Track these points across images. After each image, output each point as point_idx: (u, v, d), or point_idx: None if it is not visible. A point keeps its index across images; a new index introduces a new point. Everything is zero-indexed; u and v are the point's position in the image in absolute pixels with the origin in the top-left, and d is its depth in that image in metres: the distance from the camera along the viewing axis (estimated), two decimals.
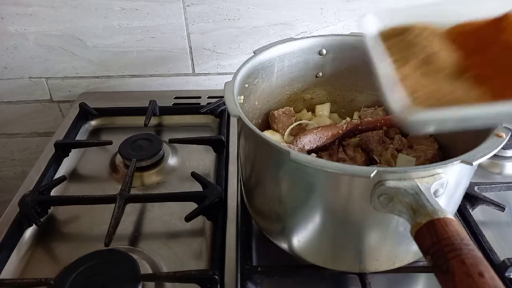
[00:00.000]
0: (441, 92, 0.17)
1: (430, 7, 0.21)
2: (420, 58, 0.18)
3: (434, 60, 0.18)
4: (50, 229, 0.34)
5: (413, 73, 0.18)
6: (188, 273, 0.28)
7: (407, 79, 0.17)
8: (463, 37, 0.20)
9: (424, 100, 0.16)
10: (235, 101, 0.27)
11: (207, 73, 0.53)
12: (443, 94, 0.17)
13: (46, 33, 0.48)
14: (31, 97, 0.54)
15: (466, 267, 0.16)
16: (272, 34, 0.49)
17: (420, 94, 0.17)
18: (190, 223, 0.33)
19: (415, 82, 0.17)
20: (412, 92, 0.17)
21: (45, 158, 0.41)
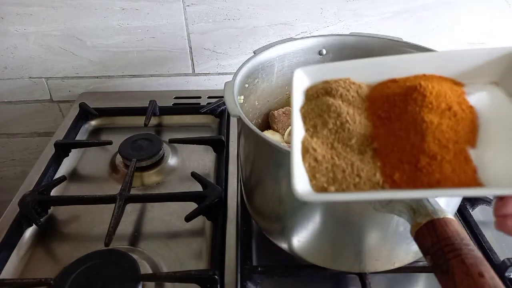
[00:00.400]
0: (341, 168, 0.17)
1: (360, 64, 0.21)
2: (334, 126, 0.19)
3: (346, 129, 0.19)
4: (50, 229, 0.34)
5: (323, 144, 0.19)
6: (188, 273, 0.28)
7: (315, 152, 0.18)
8: (379, 101, 0.20)
9: (323, 175, 0.17)
10: (235, 101, 0.27)
11: (207, 73, 0.53)
12: (342, 170, 0.17)
13: (46, 33, 0.48)
14: (31, 97, 0.54)
15: (466, 267, 0.16)
16: (272, 34, 0.49)
17: (322, 169, 0.17)
18: (190, 223, 0.33)
19: (321, 155, 0.18)
20: (314, 168, 0.18)
21: (45, 158, 0.41)
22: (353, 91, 0.20)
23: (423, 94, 0.18)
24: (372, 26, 0.49)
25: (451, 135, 0.17)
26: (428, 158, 0.17)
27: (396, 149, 0.18)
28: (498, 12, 0.48)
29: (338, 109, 0.19)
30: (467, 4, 0.47)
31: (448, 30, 0.49)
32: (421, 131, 0.17)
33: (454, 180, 0.16)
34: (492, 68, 0.20)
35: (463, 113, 0.18)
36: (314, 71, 0.21)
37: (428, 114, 0.18)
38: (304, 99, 0.21)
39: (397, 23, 0.49)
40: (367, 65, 0.21)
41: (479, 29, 0.49)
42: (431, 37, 0.50)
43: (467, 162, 0.17)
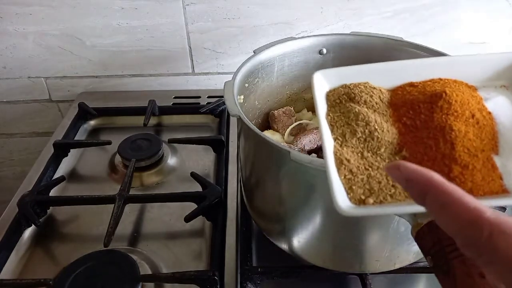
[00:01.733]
0: (376, 179, 0.18)
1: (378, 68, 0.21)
2: (362, 135, 0.19)
3: (375, 138, 0.19)
4: (49, 230, 0.34)
5: (354, 154, 0.19)
6: (187, 274, 0.28)
7: (349, 163, 0.18)
8: (404, 108, 0.20)
9: (360, 187, 0.18)
10: (235, 100, 0.26)
11: (206, 72, 0.53)
12: (378, 181, 0.18)
13: (45, 33, 0.48)
14: (30, 96, 0.54)
15: (467, 267, 0.16)
16: (272, 34, 0.49)
17: (358, 181, 0.18)
18: (189, 223, 0.33)
19: (356, 166, 0.18)
20: (350, 180, 0.18)
21: (44, 158, 0.41)
22: (376, 97, 0.21)
23: (449, 102, 0.18)
24: (372, 25, 0.48)
25: (478, 143, 0.18)
26: (460, 167, 0.17)
27: (427, 158, 0.18)
28: (499, 12, 0.48)
29: (366, 117, 0.19)
30: (468, 4, 0.47)
31: (449, 30, 0.49)
32: (450, 140, 0.18)
33: (485, 189, 0.17)
34: (502, 72, 0.20)
35: (484, 120, 0.19)
36: (332, 75, 0.21)
37: (455, 122, 0.18)
38: (326, 104, 0.21)
39: (397, 23, 0.48)
40: (384, 69, 0.21)
41: (479, 29, 0.49)
42: (432, 36, 0.49)
43: (494, 169, 0.17)
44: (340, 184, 0.17)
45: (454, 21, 0.49)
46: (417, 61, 0.21)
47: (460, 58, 0.21)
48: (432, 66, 0.21)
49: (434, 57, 0.22)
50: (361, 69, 0.21)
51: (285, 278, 0.29)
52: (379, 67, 0.21)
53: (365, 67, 0.21)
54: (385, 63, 0.21)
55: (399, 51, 0.34)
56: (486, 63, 0.21)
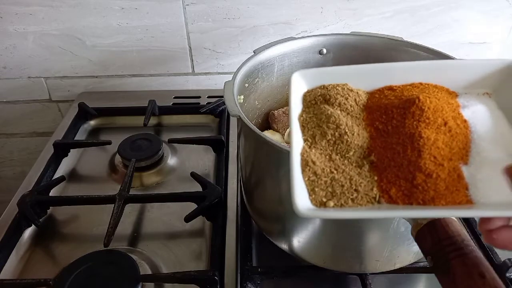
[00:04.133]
0: (339, 182, 0.18)
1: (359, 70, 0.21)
2: (332, 138, 0.19)
3: (344, 141, 0.19)
4: (49, 230, 0.34)
5: (321, 156, 0.19)
6: (187, 274, 0.28)
7: (315, 165, 0.18)
8: (377, 112, 0.20)
9: (322, 190, 0.17)
10: (235, 100, 0.26)
11: (207, 72, 0.53)
12: (341, 185, 0.18)
13: (45, 33, 0.48)
14: (30, 96, 0.54)
15: (467, 267, 0.17)
16: (272, 34, 0.49)
17: (321, 183, 0.17)
18: (189, 223, 0.33)
19: (321, 168, 0.18)
20: (313, 181, 0.18)
21: (44, 158, 0.41)
22: (352, 100, 0.20)
23: (421, 108, 0.18)
24: (372, 25, 0.48)
25: (446, 152, 0.18)
26: (424, 176, 0.17)
27: (393, 163, 0.18)
28: (499, 12, 0.48)
29: (337, 120, 0.19)
30: (468, 4, 0.47)
31: (449, 30, 0.49)
32: (418, 147, 0.17)
33: (447, 198, 0.17)
34: (486, 79, 0.20)
35: (458, 128, 0.18)
36: (311, 75, 0.21)
37: (425, 130, 0.18)
38: (302, 105, 0.21)
39: (397, 22, 0.48)
40: (365, 71, 0.21)
41: (479, 29, 0.49)
42: (432, 36, 0.49)
43: (460, 180, 0.17)
44: (303, 186, 0.17)
45: (454, 21, 0.49)
46: (399, 64, 0.21)
47: (443, 63, 0.21)
48: (414, 70, 0.20)
49: (417, 61, 0.21)
50: (341, 70, 0.21)
51: (285, 278, 0.29)
52: (359, 69, 0.21)
53: (345, 69, 0.21)
54: (366, 65, 0.21)
55: (399, 51, 0.34)
56: (470, 69, 0.20)
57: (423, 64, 0.21)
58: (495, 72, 0.20)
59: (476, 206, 0.17)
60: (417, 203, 0.17)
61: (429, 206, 0.16)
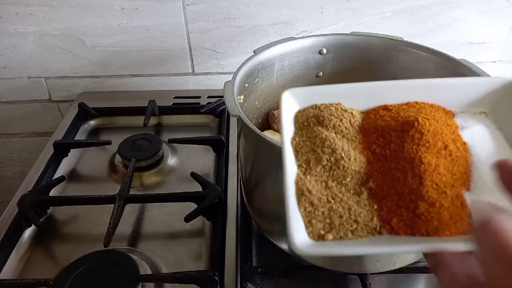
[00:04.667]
0: (338, 213, 0.17)
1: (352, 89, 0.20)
2: (328, 163, 0.18)
3: (341, 166, 0.18)
4: (49, 230, 0.34)
5: (317, 183, 0.18)
6: (187, 274, 0.28)
7: (311, 194, 0.17)
8: (374, 134, 0.19)
9: (320, 221, 0.16)
10: (235, 100, 0.26)
11: (207, 72, 0.53)
12: (339, 216, 0.17)
13: (46, 33, 0.48)
14: (30, 96, 0.54)
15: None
16: (272, 33, 0.49)
17: (318, 214, 0.17)
18: (189, 223, 0.33)
19: (317, 198, 0.17)
20: (310, 213, 0.17)
21: (44, 158, 0.41)
22: (346, 121, 0.19)
23: (421, 131, 0.17)
24: (372, 25, 0.48)
25: (448, 178, 0.17)
26: (427, 205, 0.16)
27: (393, 191, 0.17)
28: (499, 12, 0.48)
29: (332, 144, 0.18)
30: (468, 4, 0.47)
31: (449, 30, 0.49)
32: (419, 174, 0.17)
33: (452, 228, 0.16)
34: (483, 98, 0.20)
35: (458, 152, 0.18)
36: (303, 94, 0.20)
37: (426, 154, 0.17)
38: (294, 127, 0.20)
39: (398, 23, 0.48)
40: (358, 90, 0.20)
41: (479, 29, 0.49)
42: (432, 36, 0.49)
43: (463, 207, 0.17)
44: (299, 218, 0.16)
45: (454, 21, 0.49)
46: (393, 82, 0.20)
47: (439, 82, 0.20)
48: (409, 89, 0.20)
49: (412, 80, 0.20)
50: (334, 89, 0.20)
51: (285, 278, 0.29)
52: (352, 87, 0.20)
53: (338, 87, 0.20)
54: (360, 83, 0.20)
55: (399, 51, 0.34)
56: (466, 88, 0.19)
57: (418, 82, 0.20)
58: (492, 91, 0.19)
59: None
60: (420, 234, 0.16)
61: (433, 237, 0.16)
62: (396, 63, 0.34)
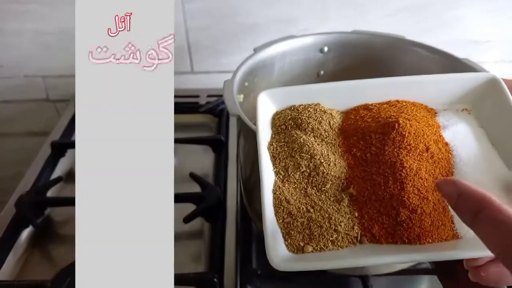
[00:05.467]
0: (317, 223, 0.16)
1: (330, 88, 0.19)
2: (307, 169, 0.17)
3: (320, 172, 0.17)
4: (47, 231, 0.34)
5: (295, 191, 0.17)
6: (186, 276, 0.27)
7: (289, 204, 0.16)
8: (354, 137, 0.18)
9: (299, 232, 0.16)
10: (235, 100, 0.26)
11: (206, 71, 0.52)
12: (319, 226, 0.16)
13: (43, 31, 0.47)
14: (26, 96, 0.53)
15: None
16: (272, 31, 0.48)
17: (297, 225, 0.16)
18: (188, 224, 0.32)
19: (296, 207, 0.16)
20: (289, 224, 0.16)
21: (41, 158, 0.40)
22: (326, 123, 0.19)
23: (402, 134, 0.17)
24: (374, 23, 0.48)
25: (430, 183, 0.16)
26: (408, 211, 0.16)
27: (374, 197, 0.17)
28: (503, 10, 0.47)
29: (311, 149, 0.18)
30: (471, 2, 0.47)
31: (451, 28, 0.49)
32: (400, 179, 0.16)
33: (433, 235, 0.16)
34: (466, 95, 0.19)
35: (440, 153, 0.17)
36: (280, 95, 0.19)
37: (407, 158, 0.17)
38: (271, 131, 0.19)
39: (400, 21, 0.48)
40: (337, 89, 0.20)
41: (483, 27, 0.49)
42: (434, 34, 0.49)
43: (445, 212, 0.16)
44: (277, 230, 0.16)
45: (457, 20, 0.48)
46: (373, 80, 0.19)
47: (420, 79, 0.19)
48: (390, 86, 0.19)
49: (394, 77, 0.20)
50: (312, 88, 0.19)
51: (285, 280, 0.29)
52: (331, 87, 0.19)
53: (316, 87, 0.20)
54: (339, 82, 0.19)
55: (401, 49, 0.33)
56: (448, 85, 0.19)
57: (399, 80, 0.20)
58: (475, 87, 0.19)
59: (463, 241, 0.16)
60: (402, 242, 0.16)
61: (415, 246, 0.15)
62: (398, 62, 0.34)
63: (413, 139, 0.17)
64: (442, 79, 0.19)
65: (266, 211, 0.16)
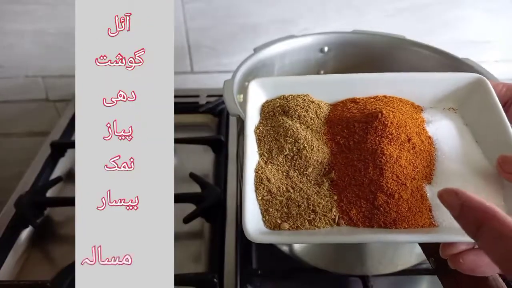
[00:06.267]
0: (296, 202, 0.16)
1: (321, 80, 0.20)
2: (290, 152, 0.18)
3: (303, 156, 0.17)
4: (46, 231, 0.34)
5: (278, 172, 0.17)
6: (186, 276, 0.27)
7: (270, 182, 0.17)
8: (339, 126, 0.19)
9: (277, 210, 0.16)
10: (235, 100, 0.26)
11: (206, 71, 0.52)
12: (297, 205, 0.16)
13: (43, 31, 0.47)
14: (27, 96, 0.53)
15: None
16: (273, 31, 0.48)
17: (276, 203, 0.16)
18: (188, 225, 0.32)
19: (276, 186, 0.17)
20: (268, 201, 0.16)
21: (41, 158, 0.40)
22: (312, 112, 0.19)
23: (384, 123, 0.17)
24: (374, 23, 0.48)
25: (409, 171, 0.17)
26: (386, 196, 0.16)
27: (354, 182, 0.17)
28: (503, 10, 0.47)
29: (295, 134, 0.18)
30: (471, 2, 0.47)
31: (452, 28, 0.49)
32: (380, 165, 0.16)
33: (410, 220, 0.16)
34: (452, 94, 0.19)
35: (422, 145, 0.18)
36: (271, 84, 0.20)
37: (388, 146, 0.17)
38: (259, 116, 0.20)
39: (400, 21, 0.48)
40: (327, 82, 0.20)
41: (483, 27, 0.49)
42: (434, 34, 0.49)
43: (423, 200, 0.16)
44: (256, 206, 0.16)
45: (457, 20, 0.48)
46: (362, 75, 0.20)
47: (409, 76, 0.20)
48: (379, 82, 0.20)
49: (383, 73, 0.20)
50: (302, 80, 0.20)
51: (285, 280, 0.29)
52: (321, 79, 0.20)
53: (306, 78, 0.20)
54: (329, 75, 0.20)
55: (401, 49, 0.33)
56: (435, 83, 0.19)
57: (388, 76, 0.20)
58: (461, 87, 0.19)
59: (439, 229, 0.16)
60: (378, 226, 0.16)
61: (390, 229, 0.16)
62: (399, 61, 0.34)
63: (395, 129, 0.17)
64: (429, 77, 0.20)
65: (246, 188, 0.16)
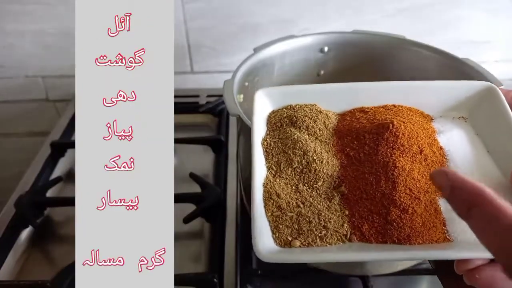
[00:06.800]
0: (307, 218, 0.16)
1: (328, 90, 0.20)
2: (299, 165, 0.17)
3: (312, 169, 0.17)
4: (46, 231, 0.34)
5: (287, 186, 0.17)
6: (186, 276, 0.27)
7: (279, 198, 0.16)
8: (348, 137, 0.18)
9: (287, 227, 0.16)
10: (235, 100, 0.26)
11: (206, 71, 0.52)
12: (308, 221, 0.16)
13: (43, 31, 0.47)
14: (27, 96, 0.53)
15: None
16: (273, 31, 0.48)
17: (286, 219, 0.16)
18: (188, 225, 0.32)
19: (286, 202, 0.16)
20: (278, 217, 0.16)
21: (41, 158, 0.40)
22: (320, 123, 0.19)
23: (396, 134, 0.17)
24: (375, 23, 0.48)
25: (422, 184, 0.16)
26: (399, 211, 0.16)
27: (365, 196, 0.16)
28: (503, 10, 0.47)
29: (304, 146, 0.18)
30: (471, 2, 0.47)
31: (452, 28, 0.49)
32: (392, 178, 0.16)
33: (424, 236, 0.15)
34: (462, 103, 0.19)
35: (434, 156, 0.17)
36: (277, 94, 0.20)
37: (400, 158, 0.16)
38: (266, 127, 0.19)
39: (400, 21, 0.48)
40: (335, 91, 0.20)
41: (483, 27, 0.49)
42: (434, 35, 0.49)
43: (437, 214, 0.16)
44: (266, 222, 0.16)
45: (457, 20, 0.48)
46: (371, 84, 0.19)
47: (417, 85, 0.19)
48: (387, 91, 0.19)
49: (391, 82, 0.20)
50: (309, 89, 0.20)
51: (285, 280, 0.29)
52: (329, 88, 0.20)
53: (313, 88, 0.20)
54: (337, 84, 0.20)
55: (401, 49, 0.33)
56: (445, 92, 0.19)
57: (397, 85, 0.20)
58: (471, 96, 0.19)
59: (454, 244, 0.15)
60: (391, 242, 0.15)
61: (404, 246, 0.15)
62: (399, 62, 0.34)
63: (407, 140, 0.17)
64: (439, 86, 0.19)
65: (255, 204, 0.16)
